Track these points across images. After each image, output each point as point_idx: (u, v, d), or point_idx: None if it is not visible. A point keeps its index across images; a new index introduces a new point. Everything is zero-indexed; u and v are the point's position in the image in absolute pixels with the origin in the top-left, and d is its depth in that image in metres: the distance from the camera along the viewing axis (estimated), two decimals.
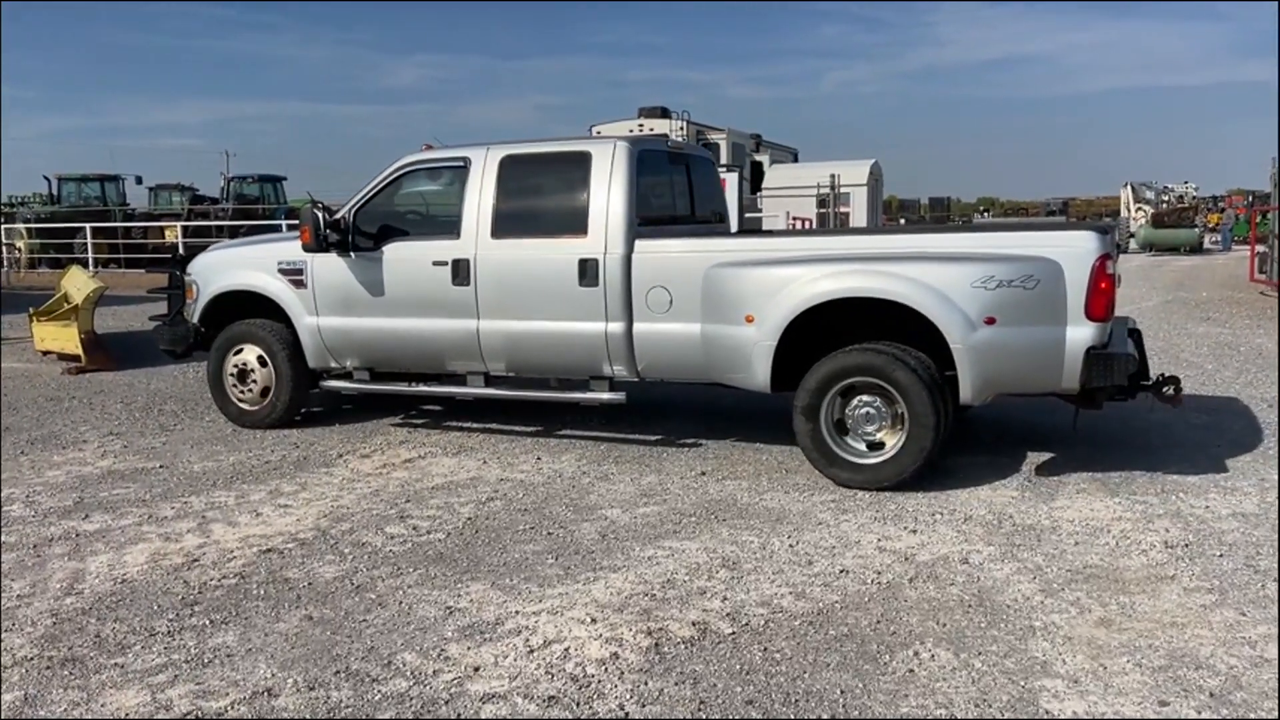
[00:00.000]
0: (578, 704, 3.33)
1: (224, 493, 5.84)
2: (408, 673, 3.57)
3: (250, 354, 7.40)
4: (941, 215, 59.18)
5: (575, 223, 6.36)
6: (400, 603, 4.20)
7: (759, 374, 5.86)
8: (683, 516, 5.27)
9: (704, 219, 7.60)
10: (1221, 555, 4.55)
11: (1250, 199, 38.89)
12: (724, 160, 20.69)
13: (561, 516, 5.32)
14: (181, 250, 9.78)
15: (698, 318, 6.06)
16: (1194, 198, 41.76)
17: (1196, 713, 3.18)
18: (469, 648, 3.76)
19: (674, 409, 7.83)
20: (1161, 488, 5.57)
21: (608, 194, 6.28)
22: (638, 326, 6.26)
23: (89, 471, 6.35)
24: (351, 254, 6.92)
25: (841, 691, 3.38)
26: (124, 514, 5.44)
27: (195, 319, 7.66)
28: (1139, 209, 37.91)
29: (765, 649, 3.70)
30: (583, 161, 6.42)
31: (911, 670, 3.52)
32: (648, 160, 6.64)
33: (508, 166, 6.61)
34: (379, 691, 3.44)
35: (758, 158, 22.26)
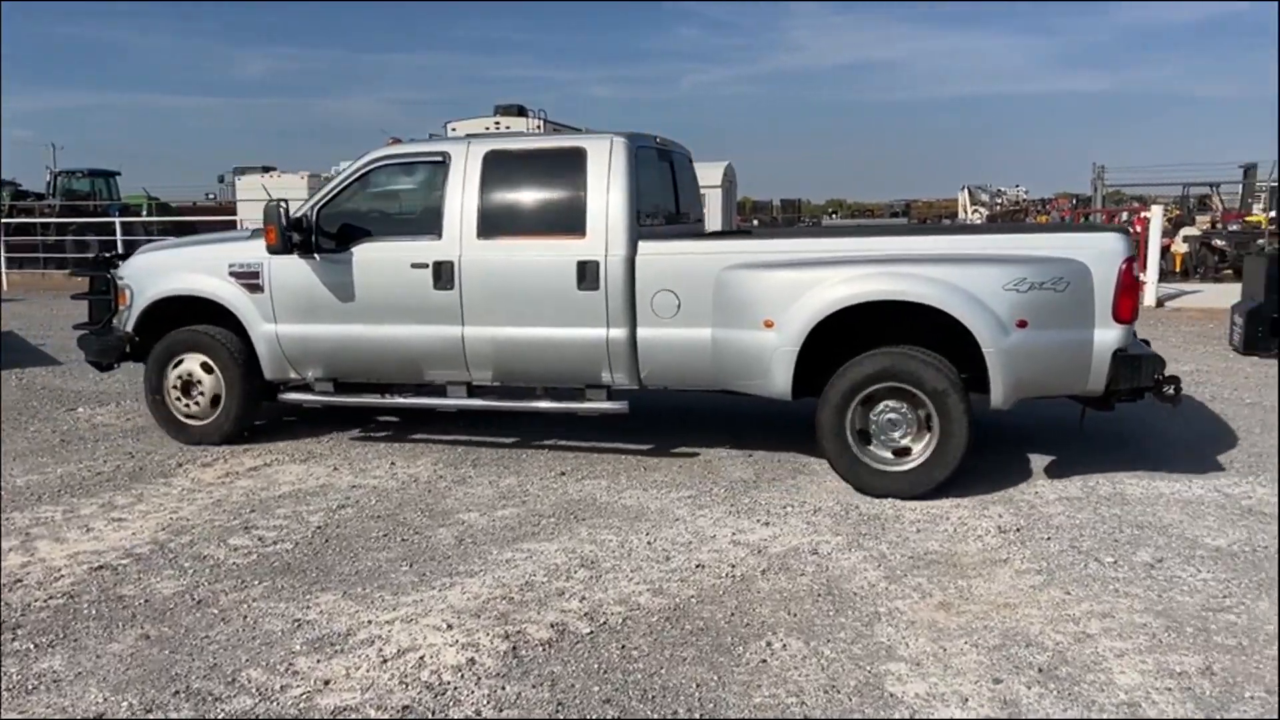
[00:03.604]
0: (432, 712, 3.27)
1: (51, 507, 5.48)
2: (253, 689, 3.43)
3: (193, 362, 6.77)
4: (792, 217, 60.89)
5: (572, 222, 5.98)
6: (245, 617, 4.03)
7: (778, 381, 5.61)
8: (541, 518, 5.25)
9: (685, 218, 7.33)
10: (1049, 538, 4.84)
11: (1075, 202, 41.58)
12: None
13: (416, 522, 5.21)
14: (115, 251, 8.60)
15: (708, 322, 5.78)
16: (1025, 200, 44.28)
17: (1027, 687, 3.37)
18: (319, 660, 3.64)
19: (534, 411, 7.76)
20: (993, 476, 5.88)
21: (606, 192, 5.94)
22: (642, 332, 5.93)
23: None
24: (316, 255, 6.38)
25: (697, 685, 3.43)
26: None
27: (129, 327, 6.92)
28: (975, 210, 39.95)
29: (623, 646, 3.72)
30: (577, 158, 6.05)
31: (764, 660, 3.61)
32: (642, 157, 6.31)
33: (493, 162, 6.18)
34: (222, 710, 3.29)
35: None
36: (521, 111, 21.11)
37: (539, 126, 20.80)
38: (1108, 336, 5.29)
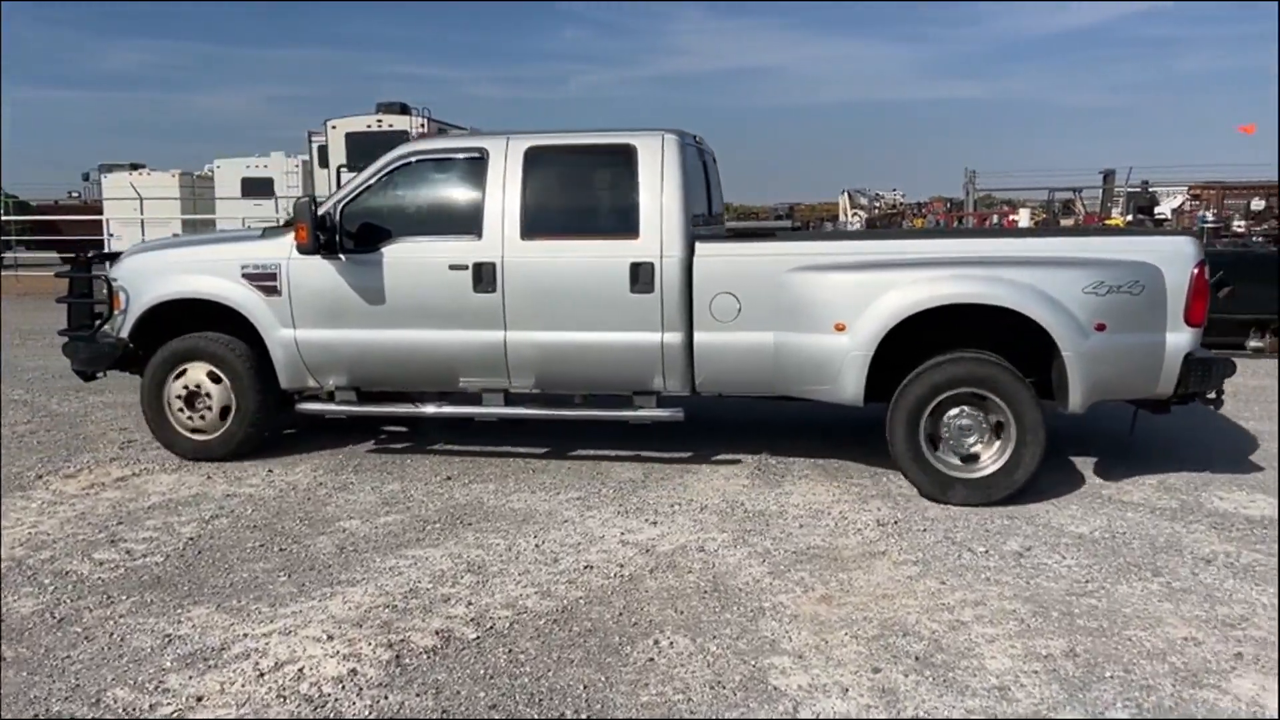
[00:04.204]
0: None
1: None
2: (119, 709, 3.27)
3: (198, 372, 6.29)
4: None
5: (623, 223, 5.76)
6: (111, 634, 3.85)
7: (849, 386, 5.46)
8: (427, 523, 5.16)
9: (718, 219, 7.08)
10: (924, 530, 5.00)
11: (949, 205, 43.17)
12: None
13: (295, 531, 5.06)
14: (97, 251, 7.68)
15: (771, 326, 5.59)
16: (901, 204, 45.71)
17: (904, 675, 3.47)
18: (191, 677, 3.50)
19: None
20: (874, 471, 6.05)
21: (660, 191, 5.72)
22: (699, 336, 5.71)
23: None
24: (341, 256, 5.99)
25: (585, 686, 3.43)
26: None
27: (124, 333, 6.38)
28: (855, 214, 41.03)
29: (510, 651, 3.69)
30: (626, 155, 5.82)
31: (651, 659, 3.63)
32: (687, 154, 6.02)
33: (534, 159, 5.91)
34: None
35: None
36: (405, 109, 20.74)
37: (423, 125, 20.48)
38: (1179, 340, 5.29)
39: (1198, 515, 5.20)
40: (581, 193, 6.07)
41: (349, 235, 6.00)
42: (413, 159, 6.10)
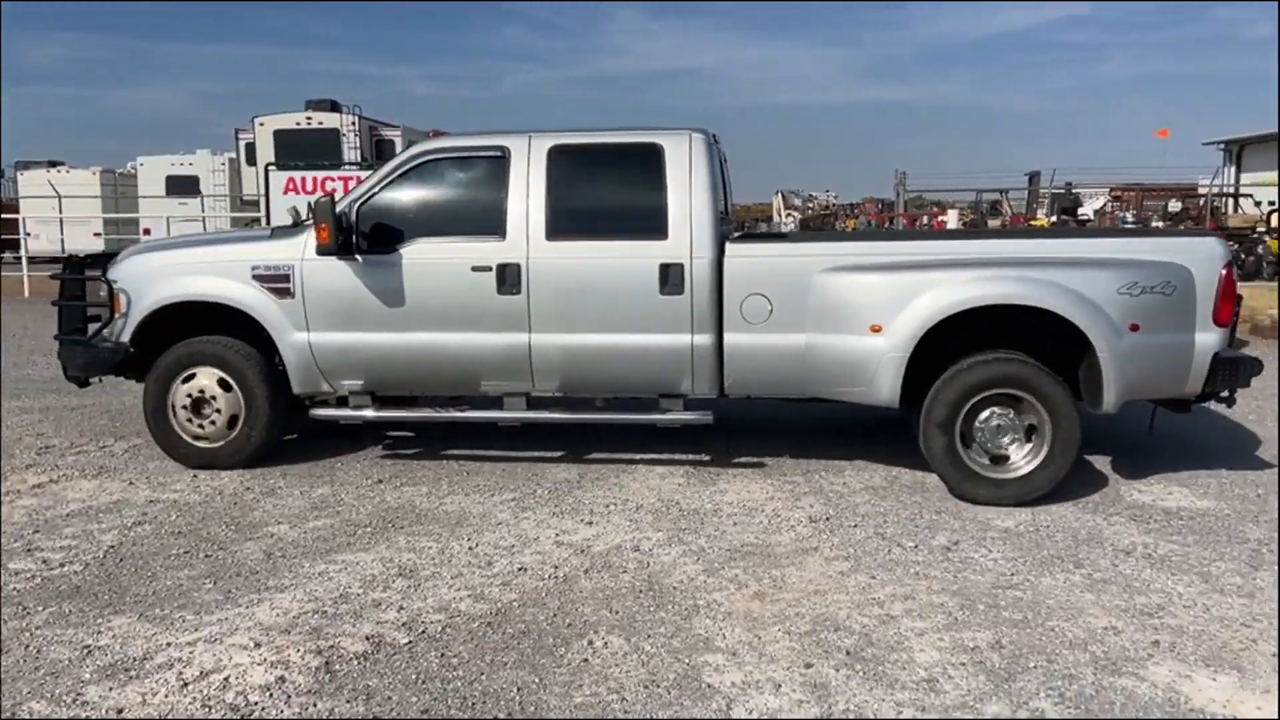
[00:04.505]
0: None
1: None
2: None
3: (207, 378, 6.06)
4: None
5: (651, 223, 5.67)
6: (26, 646, 3.72)
7: (884, 389, 5.42)
8: (357, 528, 5.08)
9: (731, 220, 6.95)
10: (855, 525, 5.07)
11: (880, 206, 43.86)
12: None
13: (221, 537, 4.95)
14: (89, 252, 7.17)
15: (803, 327, 5.55)
16: (834, 205, 46.33)
17: (835, 670, 3.51)
18: (111, 689, 3.40)
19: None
20: (807, 468, 6.12)
21: (689, 191, 5.66)
22: (730, 338, 5.65)
23: None
24: (358, 257, 5.83)
25: (518, 689, 3.40)
26: None
27: (125, 337, 6.12)
28: (789, 214, 41.48)
29: (442, 655, 3.65)
30: (653, 154, 5.74)
31: (586, 660, 3.62)
32: (713, 154, 5.95)
33: (557, 158, 5.80)
34: None
35: None
36: (335, 107, 20.45)
37: (354, 123, 20.21)
38: (1208, 339, 5.34)
39: (1118, 508, 5.35)
40: (607, 193, 5.98)
41: (365, 235, 5.85)
42: (429, 158, 5.97)
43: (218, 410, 6.10)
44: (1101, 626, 3.86)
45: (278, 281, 5.95)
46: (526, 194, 5.78)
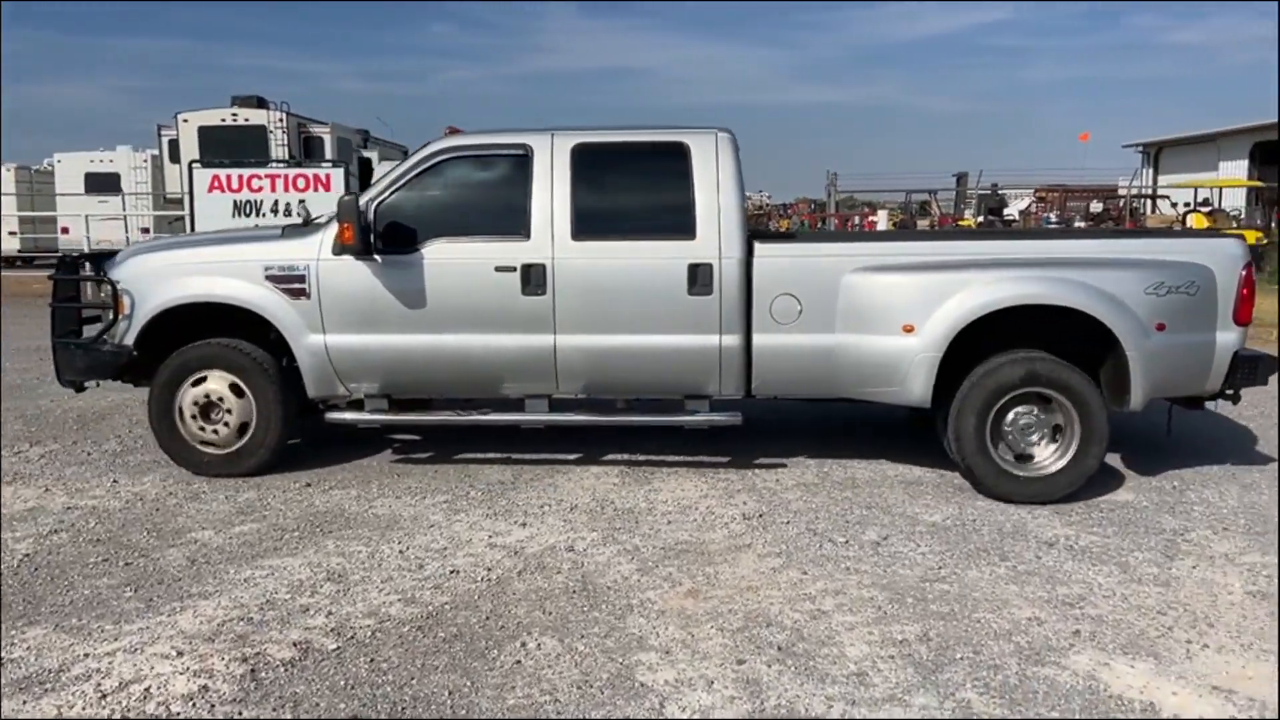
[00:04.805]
0: None
1: None
2: None
3: (219, 383, 5.84)
4: None
5: (679, 223, 5.59)
6: None
7: (917, 388, 5.41)
8: (284, 532, 4.99)
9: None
10: (788, 522, 5.12)
11: (812, 206, 44.39)
12: (329, 156, 19.93)
13: (142, 544, 4.82)
14: (83, 253, 6.70)
15: (833, 328, 5.52)
16: (768, 205, 46.81)
17: (767, 665, 3.54)
18: (25, 702, 3.28)
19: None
20: (740, 466, 6.15)
21: (716, 190, 5.60)
22: (759, 339, 5.60)
23: None
24: (376, 257, 5.66)
25: (450, 692, 3.37)
26: None
27: (129, 340, 5.87)
28: None
29: (371, 660, 3.60)
30: (679, 154, 5.67)
31: (519, 661, 3.59)
32: (738, 154, 5.84)
33: (582, 157, 5.70)
34: None
35: (366, 154, 21.66)
36: (261, 103, 20.04)
37: (281, 120, 19.82)
38: (1228, 339, 5.46)
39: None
40: (633, 192, 5.94)
41: (381, 235, 5.70)
42: (448, 156, 5.83)
43: (228, 413, 5.91)
44: (1025, 617, 3.95)
45: (293, 282, 5.77)
46: (551, 193, 5.69)
